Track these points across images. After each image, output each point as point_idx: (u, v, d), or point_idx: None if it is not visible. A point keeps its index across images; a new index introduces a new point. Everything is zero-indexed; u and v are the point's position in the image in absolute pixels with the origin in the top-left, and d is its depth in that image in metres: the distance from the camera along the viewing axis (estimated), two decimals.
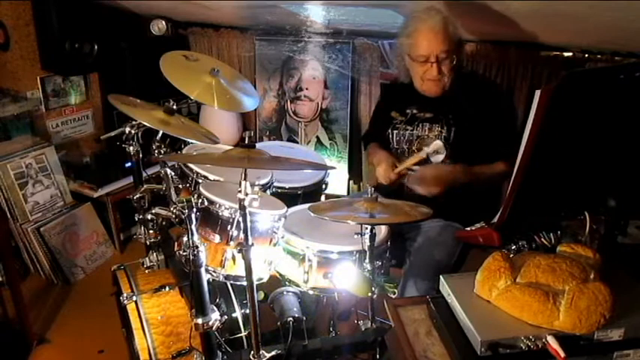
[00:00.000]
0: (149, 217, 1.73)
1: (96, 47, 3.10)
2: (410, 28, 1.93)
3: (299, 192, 2.05)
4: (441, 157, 1.96)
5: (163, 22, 3.35)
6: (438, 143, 1.92)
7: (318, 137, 3.38)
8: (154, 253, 1.89)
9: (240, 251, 1.37)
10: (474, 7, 2.09)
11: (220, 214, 1.58)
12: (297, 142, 3.38)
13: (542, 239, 1.32)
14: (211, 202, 1.59)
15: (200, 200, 1.49)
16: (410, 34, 1.92)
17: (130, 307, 1.80)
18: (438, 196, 1.86)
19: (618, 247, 1.36)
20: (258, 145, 1.46)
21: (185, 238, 1.42)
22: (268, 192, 1.87)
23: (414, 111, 2.05)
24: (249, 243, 1.35)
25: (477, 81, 2.09)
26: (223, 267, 1.61)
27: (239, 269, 1.59)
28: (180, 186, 1.85)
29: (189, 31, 3.53)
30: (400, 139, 2.06)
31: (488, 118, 1.92)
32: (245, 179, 1.30)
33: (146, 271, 1.91)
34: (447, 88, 1.95)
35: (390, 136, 2.09)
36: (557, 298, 1.08)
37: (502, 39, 2.58)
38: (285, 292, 1.77)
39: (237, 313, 1.84)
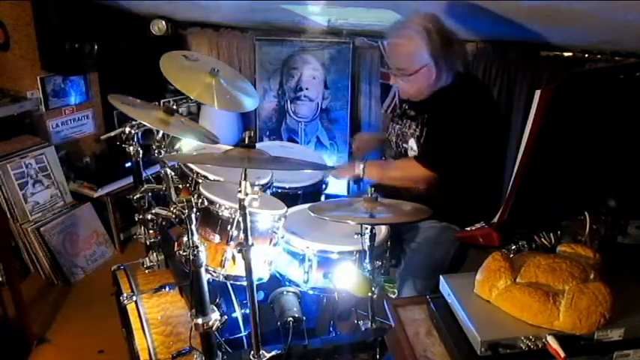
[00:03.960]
0: (149, 217, 1.73)
1: (96, 47, 3.10)
2: (390, 37, 2.02)
3: (299, 192, 2.04)
4: (412, 153, 2.01)
5: (163, 22, 3.35)
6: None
7: (318, 137, 3.38)
8: (154, 253, 1.89)
9: (240, 251, 1.37)
10: (472, 7, 2.09)
11: (220, 214, 1.58)
12: (297, 142, 3.38)
13: (542, 239, 1.32)
14: (211, 202, 1.58)
15: (200, 200, 1.49)
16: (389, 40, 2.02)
17: (130, 307, 1.80)
18: (436, 198, 1.85)
19: (618, 247, 1.36)
20: (258, 145, 1.46)
21: (185, 238, 1.41)
22: (268, 192, 1.87)
23: (405, 107, 2.10)
24: (249, 243, 1.35)
25: (460, 86, 1.97)
26: (223, 267, 1.61)
27: (239, 269, 1.59)
28: (180, 186, 1.85)
29: (189, 31, 3.53)
30: (392, 131, 2.12)
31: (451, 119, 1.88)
32: (245, 179, 1.30)
33: (146, 271, 1.91)
34: (415, 96, 1.97)
35: (390, 127, 2.16)
36: (557, 298, 1.08)
37: (502, 39, 2.58)
38: (285, 292, 1.77)
39: (237, 313, 1.84)
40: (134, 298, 1.81)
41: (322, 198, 2.24)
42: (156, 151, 1.94)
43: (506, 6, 2.05)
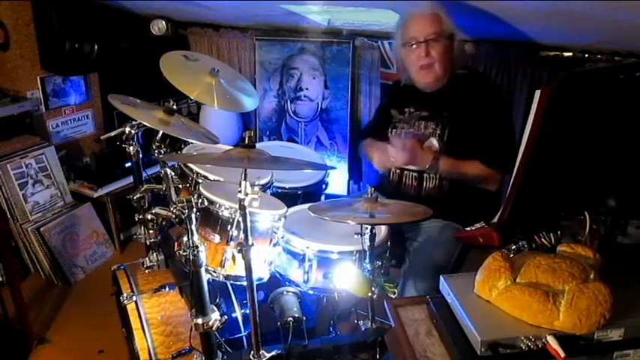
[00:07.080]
0: (149, 217, 1.73)
1: (96, 47, 3.10)
2: (402, 18, 2.02)
3: (299, 192, 2.04)
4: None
5: (163, 22, 3.35)
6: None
7: (318, 137, 3.38)
8: (154, 253, 1.89)
9: (240, 251, 1.37)
10: (472, 7, 2.09)
11: (220, 214, 1.58)
12: (297, 142, 3.38)
13: (542, 239, 1.32)
14: (211, 202, 1.58)
15: (200, 200, 1.49)
16: (402, 22, 2.01)
17: (130, 307, 1.80)
18: (438, 196, 1.84)
19: (618, 247, 1.36)
20: (258, 145, 1.46)
21: (185, 238, 1.41)
22: (268, 192, 1.87)
23: (412, 109, 2.06)
24: (249, 243, 1.35)
25: (474, 79, 2.08)
26: (223, 267, 1.60)
27: (239, 269, 1.59)
28: (180, 186, 1.85)
29: (189, 31, 3.53)
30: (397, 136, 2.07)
31: (482, 119, 1.90)
32: (245, 179, 1.30)
33: (146, 271, 1.91)
34: (440, 78, 1.96)
35: (390, 134, 2.10)
36: (557, 298, 1.08)
37: (502, 39, 2.58)
38: (285, 292, 1.77)
39: (237, 313, 1.84)
40: (134, 298, 1.81)
41: (322, 198, 2.24)
42: (156, 151, 1.94)
43: (506, 6, 2.05)
